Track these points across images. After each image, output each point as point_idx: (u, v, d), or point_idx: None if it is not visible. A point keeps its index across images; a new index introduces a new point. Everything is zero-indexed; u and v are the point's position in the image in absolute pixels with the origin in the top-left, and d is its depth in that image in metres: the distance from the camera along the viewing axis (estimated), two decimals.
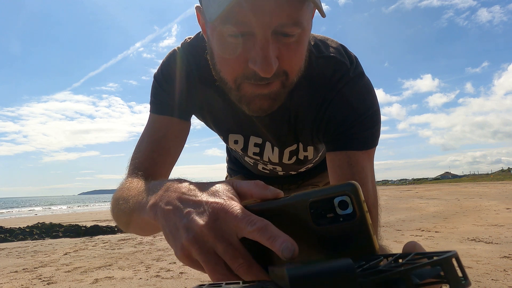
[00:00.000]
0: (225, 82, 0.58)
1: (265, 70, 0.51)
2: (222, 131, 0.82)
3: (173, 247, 0.37)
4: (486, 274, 3.17)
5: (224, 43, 0.53)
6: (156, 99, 0.76)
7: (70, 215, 15.58)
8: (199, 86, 0.74)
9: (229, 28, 0.51)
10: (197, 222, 0.34)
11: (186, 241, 0.34)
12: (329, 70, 0.68)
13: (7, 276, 3.85)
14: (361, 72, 0.70)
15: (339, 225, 0.30)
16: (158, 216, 0.39)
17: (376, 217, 0.66)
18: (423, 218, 7.67)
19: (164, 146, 0.73)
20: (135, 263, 4.27)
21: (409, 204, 12.25)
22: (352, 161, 0.65)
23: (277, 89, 0.57)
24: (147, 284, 3.37)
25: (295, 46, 0.54)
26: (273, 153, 0.83)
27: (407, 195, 18.92)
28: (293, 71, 0.56)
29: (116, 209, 0.59)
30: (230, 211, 0.33)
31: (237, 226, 0.33)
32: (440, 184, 56.80)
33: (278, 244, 0.29)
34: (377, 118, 0.69)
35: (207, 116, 0.80)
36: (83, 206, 30.74)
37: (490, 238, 4.91)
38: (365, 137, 0.67)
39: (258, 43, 0.50)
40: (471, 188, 23.94)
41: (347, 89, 0.67)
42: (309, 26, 0.56)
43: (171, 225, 0.37)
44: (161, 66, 0.76)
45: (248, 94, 0.57)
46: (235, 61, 0.54)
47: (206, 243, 0.34)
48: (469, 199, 13.07)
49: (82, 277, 3.70)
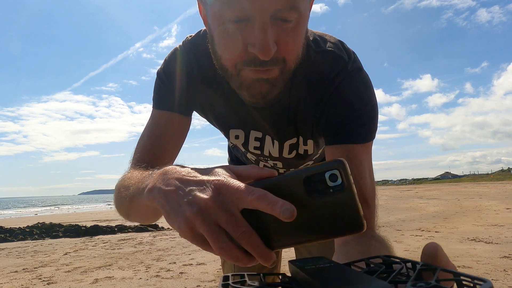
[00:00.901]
0: (226, 68, 0.60)
1: (264, 53, 0.52)
2: (223, 127, 0.84)
3: (175, 222, 0.37)
4: (486, 274, 3.17)
5: (224, 29, 0.55)
6: (158, 94, 0.78)
7: (70, 215, 15.59)
8: (200, 83, 0.76)
9: (228, 13, 0.52)
10: (200, 196, 0.36)
11: (191, 214, 0.36)
12: (328, 64, 0.70)
13: (7, 276, 3.86)
14: (359, 67, 0.71)
15: (329, 195, 0.33)
16: (156, 197, 0.40)
17: (373, 209, 0.67)
18: (423, 218, 7.67)
19: (165, 141, 0.75)
20: (135, 263, 4.27)
21: (409, 204, 12.25)
22: (350, 155, 0.66)
23: (276, 75, 0.58)
24: (147, 284, 3.37)
25: (293, 32, 0.55)
26: (273, 146, 0.84)
27: (407, 195, 18.93)
28: (291, 57, 0.58)
29: (117, 197, 0.60)
30: (232, 185, 0.35)
31: (238, 197, 0.35)
32: (440, 184, 56.82)
33: (278, 207, 0.32)
34: (375, 113, 0.70)
35: (208, 113, 0.82)
36: (83, 206, 30.75)
37: (490, 238, 4.91)
38: (363, 131, 0.68)
39: (257, 27, 0.52)
40: (471, 188, 23.95)
41: (346, 83, 0.69)
42: (306, 13, 0.57)
43: (172, 203, 0.38)
44: (164, 63, 0.78)
45: (248, 79, 0.59)
46: (235, 46, 0.55)
47: (210, 215, 0.35)
48: (469, 199, 13.08)
49: (82, 277, 3.70)
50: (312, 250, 1.08)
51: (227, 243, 0.35)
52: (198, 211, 0.35)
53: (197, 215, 0.35)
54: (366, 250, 0.54)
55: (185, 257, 4.53)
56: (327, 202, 0.33)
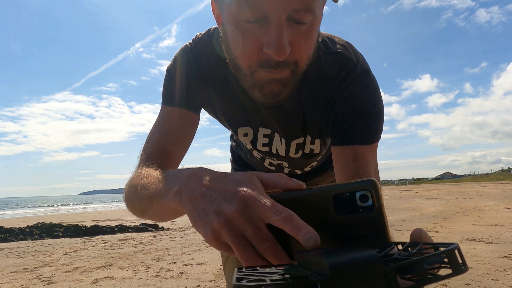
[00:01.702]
0: (239, 68, 0.60)
1: (279, 53, 0.53)
2: (232, 124, 0.84)
3: (202, 230, 0.37)
4: (486, 274, 3.17)
5: (240, 29, 0.55)
6: (167, 90, 0.78)
7: (70, 215, 15.59)
8: (209, 80, 0.77)
9: (245, 13, 0.53)
10: (227, 207, 0.36)
11: (217, 224, 0.36)
12: (337, 65, 0.71)
13: (7, 276, 3.86)
14: (367, 69, 0.72)
15: (358, 215, 0.33)
16: (184, 202, 0.40)
17: None
18: (423, 218, 7.67)
19: (174, 137, 0.75)
20: (135, 263, 4.27)
21: (409, 204, 12.25)
22: (357, 155, 0.68)
23: (287, 76, 0.60)
24: (147, 284, 3.37)
25: (306, 34, 0.56)
26: (281, 144, 0.85)
27: (407, 195, 18.94)
28: (303, 59, 0.59)
29: (133, 195, 0.59)
30: (258, 199, 0.35)
31: (264, 214, 0.34)
32: (440, 184, 56.85)
33: (302, 234, 0.31)
34: (382, 114, 0.72)
35: (217, 110, 0.82)
36: (83, 206, 30.75)
37: (490, 238, 4.91)
38: (369, 132, 0.70)
39: (273, 27, 0.53)
40: (471, 188, 23.95)
41: (354, 85, 0.70)
42: (320, 15, 0.58)
43: (199, 210, 0.38)
44: (174, 59, 0.79)
45: (261, 80, 0.60)
46: (250, 47, 0.56)
47: (236, 226, 0.35)
48: (469, 199, 13.08)
49: (82, 277, 3.70)
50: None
51: (253, 255, 0.35)
52: (224, 222, 0.35)
53: (223, 225, 0.35)
54: None
55: (185, 257, 4.53)
56: (354, 221, 0.33)
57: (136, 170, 0.66)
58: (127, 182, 0.64)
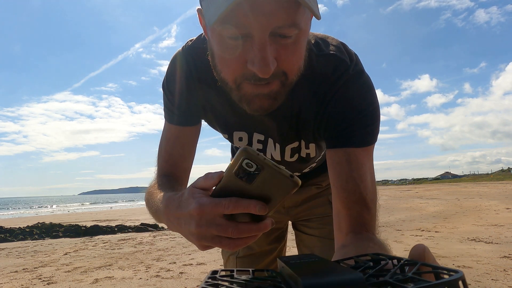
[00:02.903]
0: (226, 82, 0.60)
1: (263, 71, 0.52)
2: (227, 129, 0.84)
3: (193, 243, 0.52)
4: (486, 274, 3.17)
5: (223, 45, 0.55)
6: (165, 107, 0.82)
7: (70, 215, 15.59)
8: (200, 88, 0.76)
9: (228, 30, 0.52)
10: (192, 227, 0.48)
11: (196, 241, 0.49)
12: (330, 67, 0.69)
13: (7, 276, 3.85)
14: (361, 70, 0.70)
15: (258, 176, 0.41)
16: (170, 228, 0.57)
17: (374, 212, 0.67)
18: (423, 218, 7.67)
19: (178, 152, 0.82)
20: (135, 263, 4.27)
21: (409, 204, 12.25)
22: (351, 158, 0.66)
23: (277, 89, 0.58)
24: (147, 284, 3.37)
25: (293, 47, 0.55)
26: (275, 149, 0.84)
27: (407, 195, 18.93)
28: (292, 71, 0.57)
29: (147, 206, 0.71)
30: (206, 207, 0.45)
31: (217, 213, 0.45)
32: (440, 184, 56.80)
33: (253, 208, 0.42)
34: (377, 115, 0.70)
35: (211, 117, 0.82)
36: (83, 206, 30.73)
37: (490, 238, 4.91)
38: (364, 134, 0.68)
39: (256, 45, 0.52)
40: (471, 188, 23.95)
41: (347, 86, 0.68)
42: (307, 27, 0.57)
43: (181, 233, 0.53)
44: (165, 75, 0.80)
45: (248, 93, 0.58)
46: (235, 62, 0.55)
47: (206, 235, 0.47)
48: (469, 199, 13.08)
49: (82, 277, 3.70)
50: (315, 250, 1.08)
51: (230, 241, 0.46)
52: (197, 237, 0.48)
53: (199, 239, 0.48)
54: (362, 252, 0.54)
55: (185, 257, 4.53)
56: (263, 180, 0.41)
57: (152, 182, 0.78)
58: (146, 190, 0.75)
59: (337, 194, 0.67)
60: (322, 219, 1.08)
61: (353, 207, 0.65)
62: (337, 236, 0.68)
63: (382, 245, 0.59)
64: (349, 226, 0.65)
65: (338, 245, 0.65)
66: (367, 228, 0.64)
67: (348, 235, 0.64)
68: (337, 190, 0.67)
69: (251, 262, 1.12)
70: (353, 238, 0.62)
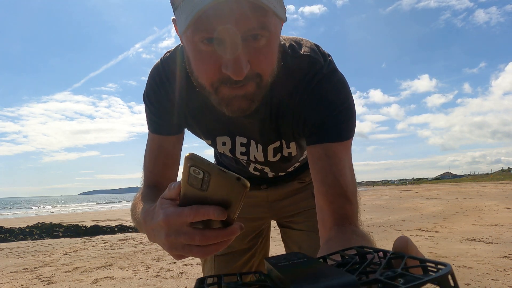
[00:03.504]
0: (204, 87, 0.62)
1: (236, 74, 0.55)
2: (209, 135, 0.86)
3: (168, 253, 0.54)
4: (486, 274, 3.17)
5: (197, 51, 0.57)
6: (148, 118, 0.84)
7: (70, 215, 15.59)
8: (180, 98, 0.78)
9: (200, 36, 0.55)
10: (162, 238, 0.50)
11: (168, 250, 0.52)
12: (304, 67, 0.72)
13: (7, 276, 3.85)
14: (334, 68, 0.73)
15: (209, 182, 0.42)
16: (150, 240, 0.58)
17: (355, 205, 0.69)
18: (423, 218, 7.67)
19: (162, 161, 0.84)
20: (135, 263, 4.27)
21: (409, 204, 12.25)
22: (329, 153, 0.69)
23: (253, 90, 0.60)
24: (147, 284, 3.37)
25: (265, 49, 0.58)
26: (257, 150, 0.86)
27: (407, 195, 18.93)
28: (266, 73, 0.60)
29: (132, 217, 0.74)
30: (170, 218, 0.47)
31: (182, 222, 0.46)
32: (440, 184, 56.81)
33: (212, 214, 0.43)
34: (351, 111, 0.72)
35: (193, 125, 0.84)
36: (83, 206, 30.74)
37: (490, 238, 4.91)
38: (340, 129, 0.70)
39: (228, 49, 0.54)
40: (471, 188, 23.95)
41: (322, 84, 0.71)
42: (277, 29, 0.59)
43: (158, 243, 0.54)
44: (146, 86, 0.82)
45: (226, 96, 0.61)
46: (210, 67, 0.58)
47: (176, 244, 0.49)
48: (469, 199, 13.08)
49: (82, 277, 3.70)
50: (303, 245, 1.09)
51: (200, 249, 0.47)
52: (170, 247, 0.50)
53: (171, 249, 0.50)
54: (347, 245, 0.55)
55: None
56: (215, 186, 0.42)
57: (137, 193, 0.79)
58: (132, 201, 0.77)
59: (318, 189, 0.69)
60: (307, 212, 1.09)
61: (335, 201, 0.67)
62: (322, 230, 0.70)
63: (365, 236, 0.61)
64: (332, 220, 0.67)
65: (323, 239, 0.67)
66: (350, 220, 0.67)
67: (332, 229, 0.66)
68: (318, 185, 0.69)
69: (229, 260, 1.13)
70: (337, 232, 0.64)
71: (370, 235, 0.63)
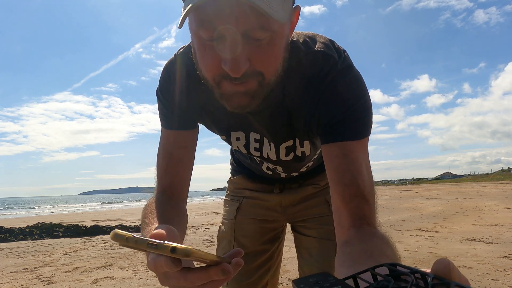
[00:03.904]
0: (207, 80, 0.62)
1: (233, 71, 0.55)
2: (223, 129, 0.84)
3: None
4: (486, 274, 3.17)
5: (201, 45, 0.58)
6: (161, 114, 0.82)
7: (70, 215, 15.58)
8: (195, 91, 0.77)
9: (203, 33, 0.55)
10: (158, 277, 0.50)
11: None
12: (318, 64, 0.70)
13: (7, 276, 3.85)
14: (349, 64, 0.71)
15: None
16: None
17: (373, 205, 0.67)
18: (423, 218, 7.67)
19: (177, 158, 0.81)
20: (135, 263, 4.27)
21: (409, 204, 12.25)
22: (346, 151, 0.67)
23: (255, 88, 0.60)
24: (147, 284, 3.37)
25: (268, 48, 0.57)
26: (270, 148, 0.85)
27: (407, 195, 18.92)
28: (268, 71, 0.59)
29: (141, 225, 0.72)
30: (156, 264, 0.44)
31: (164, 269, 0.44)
32: (440, 184, 56.79)
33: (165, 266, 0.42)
34: (368, 108, 0.70)
35: (206, 119, 0.83)
36: (83, 206, 30.74)
37: (490, 238, 4.91)
38: (357, 127, 0.68)
39: (228, 46, 0.54)
40: (471, 188, 23.95)
41: (337, 81, 0.69)
42: (282, 29, 0.58)
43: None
44: (159, 81, 0.81)
45: (227, 91, 0.60)
46: (211, 62, 0.58)
47: (169, 285, 0.49)
48: (469, 199, 13.08)
49: (82, 277, 3.70)
50: (313, 251, 1.08)
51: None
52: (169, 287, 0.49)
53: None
54: (368, 249, 0.54)
55: None
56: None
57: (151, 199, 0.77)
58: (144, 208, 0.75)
59: (335, 189, 0.67)
60: (319, 219, 1.08)
61: (352, 201, 0.65)
62: (339, 231, 0.67)
63: (385, 239, 0.59)
64: (349, 220, 0.64)
65: (341, 240, 0.65)
66: (368, 221, 0.64)
67: (349, 229, 0.64)
68: (334, 185, 0.67)
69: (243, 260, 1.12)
70: (356, 233, 0.62)
71: (389, 236, 0.61)
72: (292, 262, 3.65)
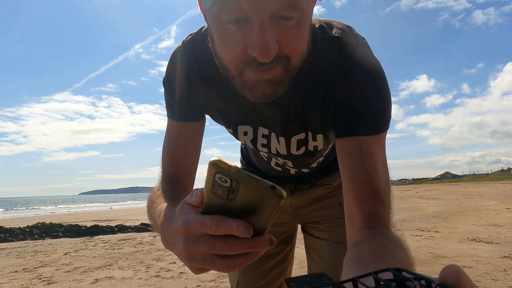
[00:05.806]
0: (227, 69, 0.58)
1: (263, 56, 0.50)
2: (231, 123, 0.81)
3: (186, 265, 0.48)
4: (486, 274, 3.17)
5: (222, 30, 0.52)
6: (167, 104, 0.79)
7: (70, 215, 15.58)
8: (202, 83, 0.74)
9: (226, 14, 0.50)
10: (180, 246, 0.45)
11: (186, 261, 0.46)
12: (335, 51, 0.65)
13: (7, 276, 3.85)
14: (368, 53, 0.66)
15: (237, 191, 0.37)
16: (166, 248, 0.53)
17: (388, 205, 0.63)
18: (423, 218, 7.67)
19: (182, 150, 0.78)
20: (135, 263, 4.27)
21: (409, 204, 12.25)
22: (362, 147, 0.62)
23: (280, 74, 0.56)
24: (147, 284, 3.37)
25: (296, 30, 0.52)
26: (279, 143, 0.81)
27: (407, 195, 18.91)
28: (295, 55, 0.55)
29: (148, 215, 0.69)
30: (191, 226, 0.42)
31: (202, 232, 0.41)
32: (440, 184, 56.80)
33: (235, 229, 0.38)
34: (387, 100, 0.65)
35: (214, 111, 0.80)
36: (83, 206, 30.73)
37: (490, 238, 4.91)
38: (374, 121, 0.63)
39: (255, 28, 0.49)
40: (471, 188, 23.94)
41: (354, 70, 0.64)
42: (309, 8, 0.54)
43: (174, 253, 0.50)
44: (166, 71, 0.77)
45: (250, 80, 0.56)
46: (235, 48, 0.53)
47: (194, 253, 0.43)
48: (469, 199, 13.08)
49: (82, 277, 3.70)
50: (323, 254, 1.04)
51: (223, 261, 0.42)
52: (188, 257, 0.44)
53: (189, 260, 0.45)
54: (379, 252, 0.52)
55: None
56: (243, 195, 0.37)
57: (157, 186, 0.75)
58: (149, 195, 0.72)
59: (348, 186, 0.62)
60: (331, 221, 1.03)
61: (366, 200, 0.60)
62: (350, 231, 0.63)
63: (399, 242, 0.56)
64: (362, 220, 0.60)
65: (351, 241, 0.61)
66: (381, 222, 0.60)
67: (361, 230, 0.60)
68: (347, 182, 0.62)
69: (255, 264, 1.08)
70: (367, 235, 0.58)
71: (403, 239, 0.58)
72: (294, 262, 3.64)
